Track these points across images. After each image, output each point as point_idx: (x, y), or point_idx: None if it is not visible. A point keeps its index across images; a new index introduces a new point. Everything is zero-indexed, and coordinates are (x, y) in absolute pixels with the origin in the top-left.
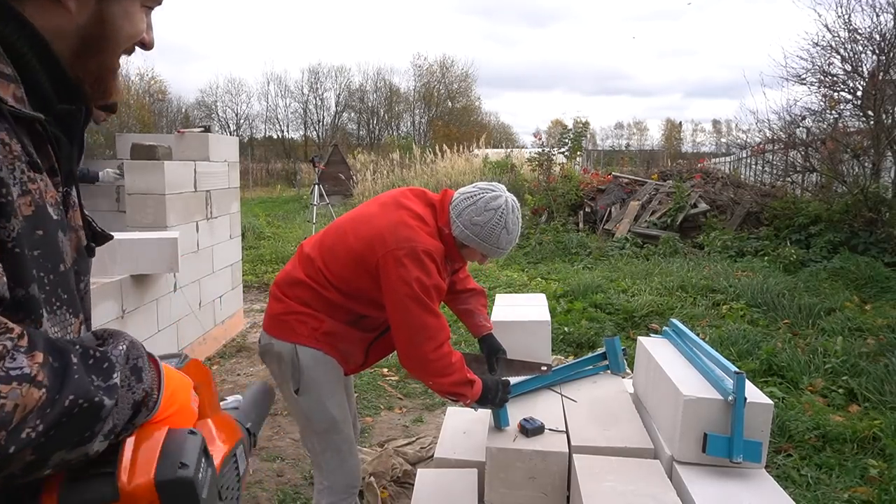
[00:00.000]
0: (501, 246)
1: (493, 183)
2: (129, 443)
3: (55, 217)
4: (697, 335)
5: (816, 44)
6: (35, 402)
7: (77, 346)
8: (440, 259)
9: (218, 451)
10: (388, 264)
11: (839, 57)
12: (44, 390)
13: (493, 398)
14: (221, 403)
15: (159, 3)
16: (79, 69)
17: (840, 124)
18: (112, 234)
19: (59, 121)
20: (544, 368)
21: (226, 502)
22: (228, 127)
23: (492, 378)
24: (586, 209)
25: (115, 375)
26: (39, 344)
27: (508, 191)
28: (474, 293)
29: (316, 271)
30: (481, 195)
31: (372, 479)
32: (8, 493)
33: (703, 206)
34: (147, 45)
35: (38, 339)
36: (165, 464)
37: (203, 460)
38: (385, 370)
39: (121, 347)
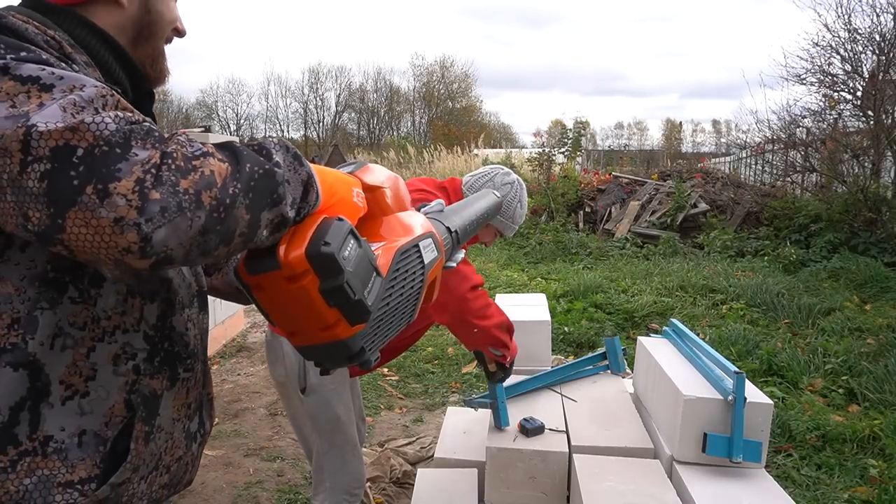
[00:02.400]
0: (516, 221)
1: (499, 165)
2: (293, 229)
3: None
4: (697, 335)
5: (816, 44)
6: (225, 171)
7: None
8: None
9: (394, 241)
10: None
11: (839, 57)
12: (227, 164)
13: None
14: (425, 208)
15: None
16: (139, 55)
17: (840, 124)
18: None
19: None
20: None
21: (404, 282)
22: (229, 127)
23: None
24: (586, 209)
25: (275, 155)
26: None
27: None
28: None
29: None
30: (495, 172)
31: (368, 484)
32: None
33: (703, 206)
34: (181, 32)
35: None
36: (313, 242)
37: (351, 241)
38: (385, 370)
39: (272, 138)
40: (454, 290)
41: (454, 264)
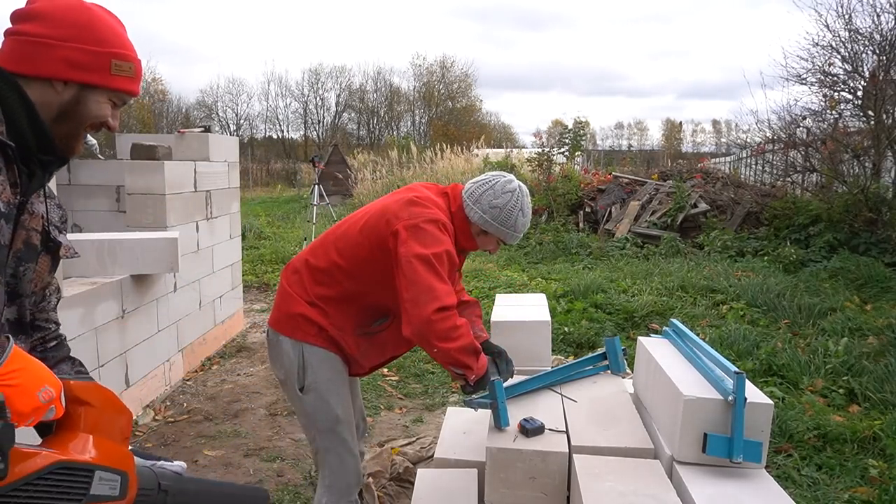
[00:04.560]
0: (518, 229)
1: (502, 171)
2: None
3: (3, 210)
4: (697, 335)
5: (817, 44)
6: None
7: None
8: (452, 236)
9: (62, 454)
10: (402, 234)
11: (839, 57)
12: None
13: (492, 374)
14: (164, 462)
15: (124, 104)
16: (57, 131)
17: (840, 124)
18: (61, 243)
19: (42, 164)
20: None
21: (41, 498)
22: (229, 127)
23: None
24: (586, 209)
25: None
26: None
27: None
28: (469, 304)
29: (329, 262)
30: (496, 180)
31: (370, 479)
32: None
33: (703, 206)
34: (111, 129)
35: None
36: None
37: None
38: (385, 370)
39: None
40: (421, 309)
41: None
